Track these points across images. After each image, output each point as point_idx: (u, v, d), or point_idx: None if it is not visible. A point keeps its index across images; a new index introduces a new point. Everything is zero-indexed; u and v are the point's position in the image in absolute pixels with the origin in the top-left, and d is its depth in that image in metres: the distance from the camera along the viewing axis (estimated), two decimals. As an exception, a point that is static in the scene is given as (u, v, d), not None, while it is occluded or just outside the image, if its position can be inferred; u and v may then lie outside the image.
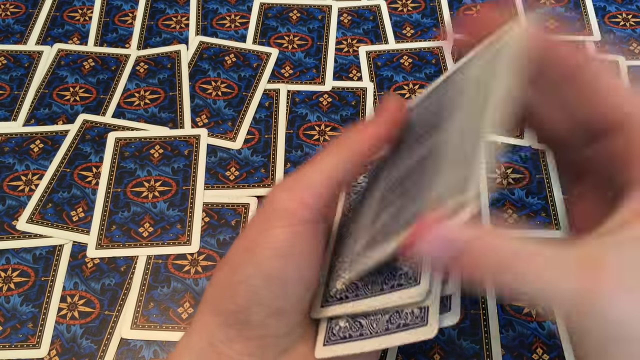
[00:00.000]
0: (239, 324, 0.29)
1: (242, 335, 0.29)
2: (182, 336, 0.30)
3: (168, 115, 0.48)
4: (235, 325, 0.29)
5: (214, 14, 0.54)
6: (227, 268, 0.29)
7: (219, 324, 0.29)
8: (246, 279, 0.28)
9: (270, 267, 0.28)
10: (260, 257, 0.28)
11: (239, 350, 0.29)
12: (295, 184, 0.29)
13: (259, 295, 0.28)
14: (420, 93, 0.32)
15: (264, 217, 0.29)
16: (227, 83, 0.50)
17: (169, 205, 0.44)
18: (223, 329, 0.29)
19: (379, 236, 0.28)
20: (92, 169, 0.46)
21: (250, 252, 0.28)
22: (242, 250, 0.29)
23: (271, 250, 0.28)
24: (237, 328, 0.29)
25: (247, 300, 0.28)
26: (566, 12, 0.53)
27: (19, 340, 0.39)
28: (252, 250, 0.28)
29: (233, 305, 0.28)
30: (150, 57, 0.51)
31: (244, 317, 0.28)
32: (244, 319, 0.29)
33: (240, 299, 0.28)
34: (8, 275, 0.41)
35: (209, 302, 0.30)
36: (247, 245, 0.29)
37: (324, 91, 0.49)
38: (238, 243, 0.30)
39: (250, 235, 0.29)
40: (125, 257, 0.42)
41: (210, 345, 0.29)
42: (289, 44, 0.52)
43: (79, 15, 0.54)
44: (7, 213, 0.44)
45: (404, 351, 0.38)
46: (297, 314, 0.30)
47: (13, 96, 0.49)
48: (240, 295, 0.28)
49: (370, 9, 0.54)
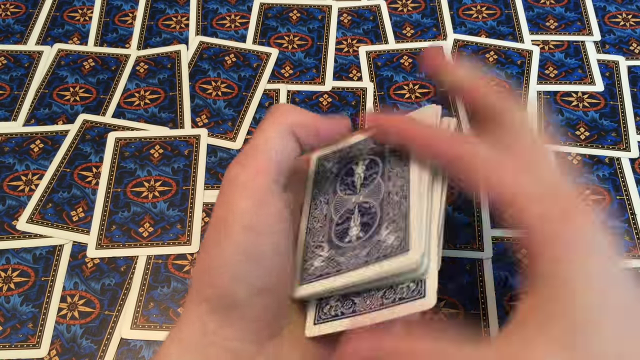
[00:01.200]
0: (225, 307, 0.28)
1: (230, 319, 0.29)
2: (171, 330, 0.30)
3: (168, 115, 0.48)
4: (222, 309, 0.28)
5: (214, 14, 0.54)
6: (204, 253, 0.29)
7: (207, 312, 0.29)
8: (224, 260, 0.28)
9: (244, 242, 0.28)
10: (231, 233, 0.28)
11: (230, 335, 0.29)
12: (248, 157, 0.29)
13: (239, 274, 0.28)
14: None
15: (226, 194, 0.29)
16: (227, 83, 0.50)
17: (169, 205, 0.44)
18: (211, 316, 0.29)
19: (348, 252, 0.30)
20: (92, 169, 0.46)
21: (220, 231, 0.28)
22: (214, 232, 0.29)
23: (240, 224, 0.28)
24: (224, 313, 0.28)
25: (228, 281, 0.28)
26: (566, 12, 0.53)
27: (19, 340, 0.39)
28: (223, 229, 0.28)
29: (216, 289, 0.28)
30: (150, 57, 0.51)
31: (229, 300, 0.28)
32: (230, 302, 0.28)
33: (222, 280, 0.28)
34: (8, 275, 0.41)
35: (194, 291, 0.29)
36: (217, 225, 0.29)
37: (324, 91, 0.49)
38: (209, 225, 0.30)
39: (218, 214, 0.29)
40: (125, 257, 0.42)
41: (203, 336, 0.29)
42: (289, 44, 0.52)
43: (79, 15, 0.54)
44: (7, 213, 0.44)
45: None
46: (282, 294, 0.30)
47: (13, 96, 0.49)
48: (221, 277, 0.28)
49: (370, 9, 0.54)
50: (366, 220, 0.30)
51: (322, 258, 0.30)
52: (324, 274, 0.30)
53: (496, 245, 0.42)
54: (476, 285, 0.40)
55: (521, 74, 0.50)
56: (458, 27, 0.53)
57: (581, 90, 0.49)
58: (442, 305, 0.40)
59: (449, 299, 0.40)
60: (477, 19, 0.53)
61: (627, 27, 0.52)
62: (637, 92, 0.48)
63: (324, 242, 0.31)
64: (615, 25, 0.52)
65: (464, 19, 0.53)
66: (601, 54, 0.51)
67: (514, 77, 0.49)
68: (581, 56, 0.51)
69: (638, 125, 0.47)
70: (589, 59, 0.50)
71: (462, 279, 0.41)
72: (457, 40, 0.52)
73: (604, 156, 0.45)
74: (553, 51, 0.51)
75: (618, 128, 0.47)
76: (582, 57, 0.51)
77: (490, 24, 0.53)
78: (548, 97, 0.48)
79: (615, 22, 0.53)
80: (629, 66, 0.50)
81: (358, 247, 0.29)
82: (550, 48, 0.51)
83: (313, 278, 0.30)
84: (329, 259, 0.30)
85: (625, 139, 0.46)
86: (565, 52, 0.51)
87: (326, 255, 0.30)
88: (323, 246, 0.31)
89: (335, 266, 0.29)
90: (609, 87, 0.49)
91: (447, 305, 0.40)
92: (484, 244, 0.42)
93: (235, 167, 0.29)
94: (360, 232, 0.30)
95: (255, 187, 0.29)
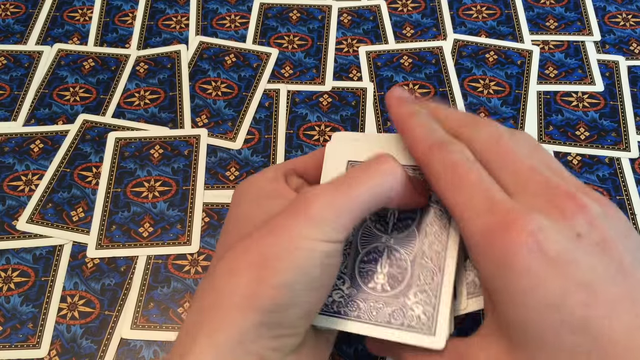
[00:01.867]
0: (273, 322, 0.28)
1: (271, 333, 0.28)
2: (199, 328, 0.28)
3: (168, 115, 0.48)
4: (269, 324, 0.28)
5: (214, 14, 0.54)
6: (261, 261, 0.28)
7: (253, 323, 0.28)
8: (290, 283, 0.27)
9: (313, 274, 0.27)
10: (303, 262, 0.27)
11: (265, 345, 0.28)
12: (341, 202, 0.28)
13: (298, 299, 0.28)
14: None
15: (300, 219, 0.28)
16: (227, 83, 0.50)
17: (169, 205, 0.44)
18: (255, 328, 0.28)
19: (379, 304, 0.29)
20: (92, 169, 0.46)
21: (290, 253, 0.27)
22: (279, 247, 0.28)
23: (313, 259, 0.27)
24: (269, 326, 0.28)
25: (286, 302, 0.28)
26: (566, 12, 0.53)
27: (19, 340, 0.39)
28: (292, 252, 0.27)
29: (272, 306, 0.28)
30: (150, 57, 0.51)
31: (279, 318, 0.28)
32: (279, 320, 0.28)
33: (281, 300, 0.27)
34: (8, 275, 0.41)
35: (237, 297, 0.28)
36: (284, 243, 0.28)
37: (324, 91, 0.49)
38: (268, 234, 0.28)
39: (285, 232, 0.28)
40: (125, 257, 0.42)
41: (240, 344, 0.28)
42: (289, 44, 0.52)
43: (79, 15, 0.54)
44: (7, 213, 0.44)
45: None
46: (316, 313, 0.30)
47: (13, 96, 0.49)
48: (280, 297, 0.27)
49: (370, 9, 0.54)
50: (394, 273, 0.30)
51: (342, 293, 0.30)
52: (341, 312, 0.29)
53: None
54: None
55: (521, 74, 0.50)
56: (458, 27, 0.53)
57: (581, 90, 0.49)
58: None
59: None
60: (477, 19, 0.53)
61: (627, 27, 0.52)
62: (637, 92, 0.48)
63: (346, 274, 0.30)
64: (615, 25, 0.52)
65: (464, 19, 0.53)
66: (601, 54, 0.51)
67: (514, 77, 0.49)
68: (581, 56, 0.51)
69: (638, 125, 0.47)
70: (589, 59, 0.50)
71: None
72: (457, 40, 0.52)
73: (604, 156, 0.45)
74: (553, 51, 0.51)
75: (618, 128, 0.47)
76: (582, 57, 0.51)
77: (490, 24, 0.53)
78: (548, 97, 0.48)
79: (615, 22, 0.53)
80: (629, 66, 0.50)
81: (382, 300, 0.29)
82: (550, 48, 0.51)
83: (331, 312, 0.30)
84: (349, 298, 0.30)
85: (625, 139, 0.46)
86: (565, 52, 0.51)
87: (346, 292, 0.30)
88: (344, 279, 0.30)
89: (355, 309, 0.29)
90: (609, 87, 0.49)
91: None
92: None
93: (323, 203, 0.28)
94: (387, 285, 0.30)
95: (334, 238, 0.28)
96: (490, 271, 0.26)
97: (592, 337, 0.24)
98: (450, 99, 0.48)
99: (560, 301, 0.24)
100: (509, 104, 0.48)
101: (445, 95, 0.48)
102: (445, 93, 0.49)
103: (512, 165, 0.29)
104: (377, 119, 0.47)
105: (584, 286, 0.25)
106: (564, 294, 0.24)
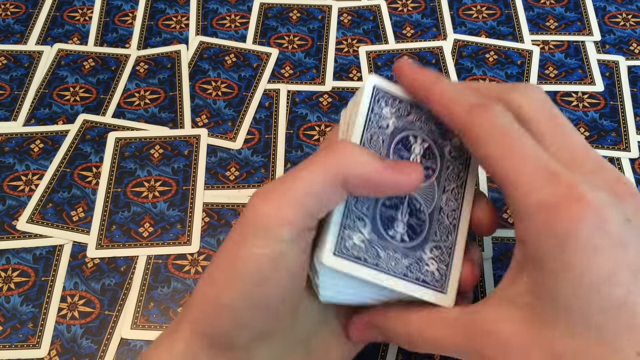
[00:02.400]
0: (223, 346, 0.28)
1: (226, 357, 0.28)
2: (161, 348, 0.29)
3: (168, 115, 0.48)
4: (219, 347, 0.28)
5: (214, 14, 0.54)
6: (210, 287, 0.28)
7: (202, 346, 0.28)
8: (229, 302, 0.27)
9: (252, 292, 0.27)
10: (242, 282, 0.26)
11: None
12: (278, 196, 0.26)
13: (242, 319, 0.27)
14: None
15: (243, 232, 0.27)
16: (227, 83, 0.50)
17: (169, 205, 0.44)
18: (206, 350, 0.28)
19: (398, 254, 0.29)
20: (92, 169, 0.46)
21: (230, 274, 0.27)
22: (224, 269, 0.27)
23: (253, 275, 0.26)
24: (221, 349, 0.28)
25: (230, 324, 0.27)
26: (566, 12, 0.53)
27: (19, 340, 0.39)
28: (233, 272, 0.27)
29: (216, 329, 0.28)
30: (150, 57, 0.51)
31: (227, 341, 0.28)
32: (228, 342, 0.28)
33: (224, 322, 0.27)
34: (8, 275, 0.41)
35: (191, 321, 0.28)
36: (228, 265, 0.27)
37: (324, 91, 0.49)
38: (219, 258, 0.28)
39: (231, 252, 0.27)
40: (125, 257, 0.42)
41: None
42: (289, 44, 0.52)
43: (79, 15, 0.54)
44: (7, 213, 0.44)
45: (404, 351, 0.38)
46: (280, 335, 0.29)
47: (13, 96, 0.49)
48: (223, 319, 0.27)
49: (370, 9, 0.54)
50: (413, 224, 0.30)
51: (363, 237, 0.28)
52: (361, 258, 0.28)
53: (496, 245, 0.42)
54: (476, 285, 0.40)
55: (521, 74, 0.50)
56: (458, 27, 0.53)
57: (581, 90, 0.49)
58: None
59: (449, 299, 0.40)
60: (477, 19, 0.53)
61: (627, 27, 0.52)
62: (637, 92, 0.48)
63: (367, 217, 0.29)
64: (615, 25, 0.52)
65: (464, 19, 0.53)
66: (601, 54, 0.51)
67: (514, 77, 0.50)
68: (581, 56, 0.51)
69: (638, 125, 0.47)
70: (589, 59, 0.50)
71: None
72: (457, 40, 0.52)
73: (604, 156, 0.45)
74: (553, 51, 0.51)
75: (618, 128, 0.47)
76: (582, 57, 0.51)
77: (490, 24, 0.53)
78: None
79: (616, 22, 0.53)
80: (629, 66, 0.50)
81: (400, 251, 0.29)
82: (550, 48, 0.51)
83: (351, 257, 0.28)
84: (370, 244, 0.28)
85: (625, 139, 0.46)
86: (565, 52, 0.51)
87: (367, 237, 0.28)
88: (365, 222, 0.29)
89: (375, 258, 0.28)
90: (609, 87, 0.49)
91: (447, 305, 0.40)
92: (484, 244, 0.42)
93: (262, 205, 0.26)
94: (406, 235, 0.29)
95: (277, 239, 0.26)
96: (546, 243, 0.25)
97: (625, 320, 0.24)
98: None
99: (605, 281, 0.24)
100: (509, 104, 0.48)
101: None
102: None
103: (568, 140, 0.28)
104: (377, 119, 0.47)
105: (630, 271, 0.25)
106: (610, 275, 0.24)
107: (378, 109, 0.30)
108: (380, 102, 0.30)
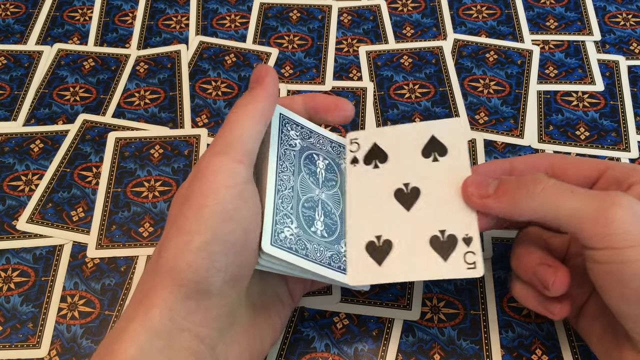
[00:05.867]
0: (199, 294, 0.29)
1: (200, 307, 0.29)
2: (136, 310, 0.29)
3: (168, 115, 0.48)
4: (196, 296, 0.29)
5: (214, 14, 0.54)
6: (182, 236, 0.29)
7: (180, 298, 0.28)
8: (205, 246, 0.28)
9: (223, 231, 0.28)
10: (212, 221, 0.28)
11: (198, 321, 0.29)
12: (229, 147, 0.30)
13: (218, 262, 0.28)
14: None
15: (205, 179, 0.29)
16: (227, 83, 0.50)
17: (169, 205, 0.44)
18: (183, 302, 0.28)
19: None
20: (92, 169, 0.46)
21: (199, 217, 0.28)
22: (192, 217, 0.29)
23: (222, 213, 0.28)
24: (196, 299, 0.29)
25: (207, 268, 0.28)
26: (566, 12, 0.53)
27: (19, 340, 0.39)
28: (201, 216, 0.28)
29: (194, 275, 0.28)
30: (150, 57, 0.51)
31: (204, 287, 0.28)
32: (204, 289, 0.29)
33: (201, 267, 0.28)
34: (8, 275, 0.41)
35: (165, 274, 0.29)
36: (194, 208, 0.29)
37: (324, 91, 0.49)
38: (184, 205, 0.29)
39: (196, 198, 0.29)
40: (125, 257, 0.42)
41: (171, 321, 0.28)
42: (289, 44, 0.52)
43: (79, 15, 0.54)
44: (7, 213, 0.44)
45: (404, 351, 0.38)
46: (245, 280, 0.31)
47: (13, 96, 0.49)
48: (200, 263, 0.28)
49: (370, 9, 0.54)
50: (329, 224, 0.35)
51: (292, 232, 0.33)
52: (293, 248, 0.32)
53: (496, 246, 0.42)
54: (476, 285, 0.40)
55: (521, 74, 0.50)
56: (458, 27, 0.53)
57: (581, 90, 0.49)
58: (442, 305, 0.40)
59: (449, 299, 0.40)
60: (477, 19, 0.53)
61: (627, 27, 0.52)
62: (637, 92, 0.48)
63: (292, 215, 0.33)
64: (615, 25, 0.52)
65: (464, 18, 0.53)
66: (601, 54, 0.51)
67: (514, 77, 0.49)
68: (581, 56, 0.51)
69: (638, 125, 0.47)
70: (589, 58, 0.50)
71: (462, 279, 0.41)
72: (457, 40, 0.52)
73: (604, 156, 0.45)
74: (553, 51, 0.51)
75: (618, 128, 0.47)
76: (582, 57, 0.51)
77: (490, 23, 0.53)
78: (548, 97, 0.48)
79: (616, 22, 0.53)
80: (629, 66, 0.50)
81: (322, 244, 0.34)
82: (550, 48, 0.51)
83: (285, 247, 0.32)
84: (298, 237, 0.33)
85: (625, 139, 0.46)
86: (566, 52, 0.51)
87: (295, 231, 0.33)
88: (292, 219, 0.33)
89: (304, 249, 0.33)
90: (609, 87, 0.49)
91: (447, 305, 0.40)
92: (484, 244, 0.42)
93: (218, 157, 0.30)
94: (325, 232, 0.34)
95: (239, 179, 0.29)
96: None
97: None
98: (450, 99, 0.48)
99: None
100: (509, 103, 0.48)
101: (446, 95, 0.48)
102: (446, 93, 0.49)
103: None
104: (377, 119, 0.47)
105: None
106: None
107: (286, 131, 0.36)
108: (287, 126, 0.36)
